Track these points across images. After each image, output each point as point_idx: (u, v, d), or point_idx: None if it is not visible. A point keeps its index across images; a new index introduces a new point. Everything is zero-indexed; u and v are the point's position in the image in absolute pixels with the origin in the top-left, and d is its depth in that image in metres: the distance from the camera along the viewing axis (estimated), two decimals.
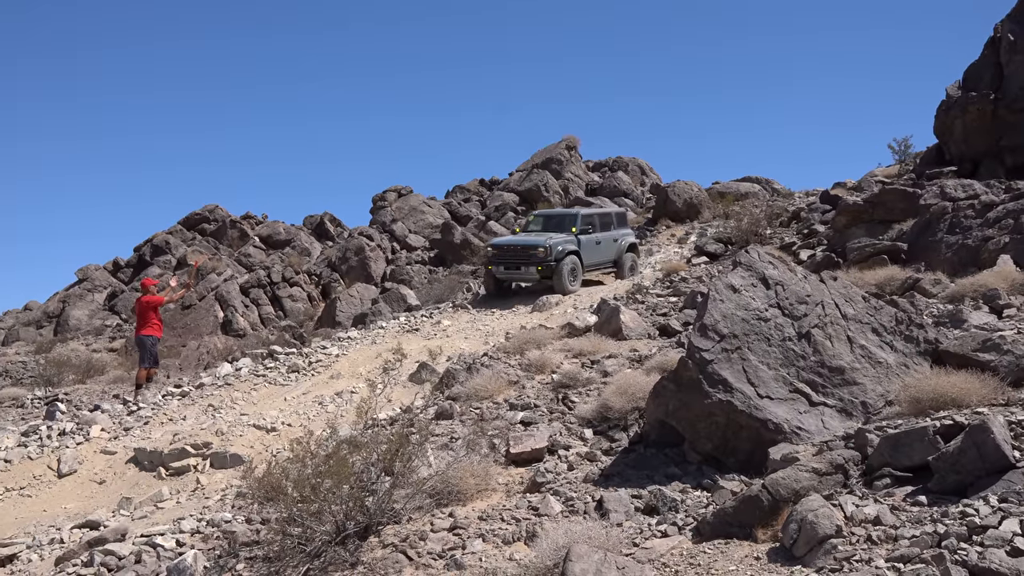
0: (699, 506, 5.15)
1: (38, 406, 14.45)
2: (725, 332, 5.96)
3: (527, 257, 16.30)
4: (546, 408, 8.02)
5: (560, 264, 16.01)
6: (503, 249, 17.06)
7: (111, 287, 31.98)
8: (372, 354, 12.50)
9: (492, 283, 17.19)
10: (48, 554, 7.01)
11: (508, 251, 16.88)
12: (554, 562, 4.35)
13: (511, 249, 16.83)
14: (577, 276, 16.47)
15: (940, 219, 11.96)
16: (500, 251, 17.09)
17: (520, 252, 16.53)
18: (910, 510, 4.19)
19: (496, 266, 16.89)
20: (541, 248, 16.05)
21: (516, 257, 16.58)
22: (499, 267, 16.82)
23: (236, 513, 6.99)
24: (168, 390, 12.10)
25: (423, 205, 34.41)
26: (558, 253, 16.11)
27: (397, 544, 5.39)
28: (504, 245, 17.25)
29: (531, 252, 16.22)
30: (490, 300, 16.77)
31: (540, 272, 16.01)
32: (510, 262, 16.64)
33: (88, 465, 9.36)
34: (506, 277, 16.91)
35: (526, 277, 16.49)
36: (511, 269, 16.63)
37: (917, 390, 5.47)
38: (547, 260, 15.99)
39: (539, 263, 16.02)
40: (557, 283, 15.94)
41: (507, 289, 17.19)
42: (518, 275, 16.64)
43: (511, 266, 16.61)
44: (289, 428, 9.56)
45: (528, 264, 16.21)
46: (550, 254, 16.01)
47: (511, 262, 16.63)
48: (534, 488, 6.10)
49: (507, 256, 16.78)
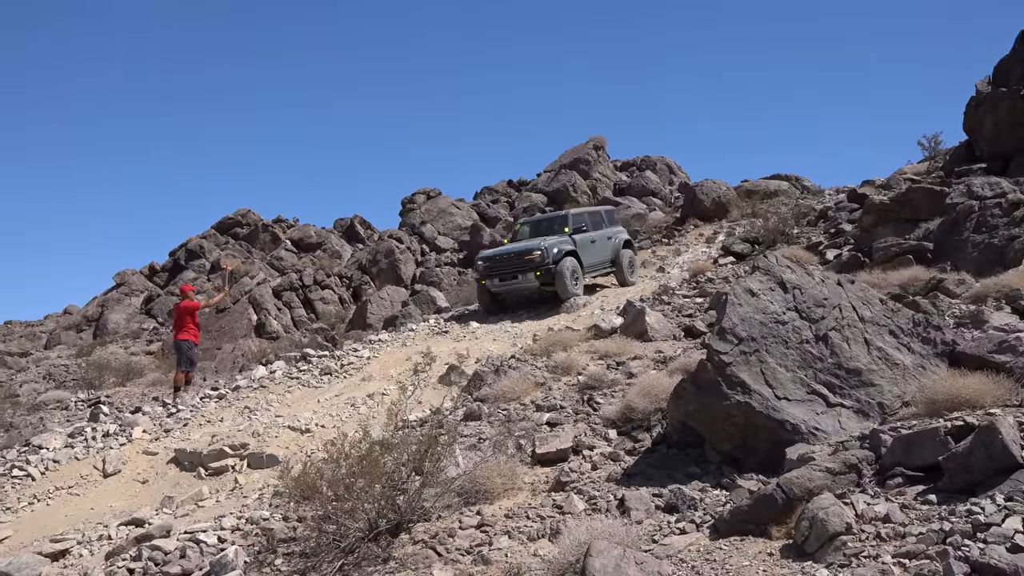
0: (717, 504, 5.32)
1: (81, 408, 14.99)
2: (743, 335, 6.12)
3: (523, 264, 15.17)
4: (572, 409, 8.21)
5: (560, 266, 14.96)
6: (495, 260, 15.78)
7: (148, 291, 32.75)
8: (402, 356, 12.78)
9: (487, 298, 16.00)
10: (97, 550, 7.37)
11: (501, 261, 15.63)
12: (576, 558, 4.55)
13: (504, 259, 15.59)
14: (579, 278, 15.47)
15: (967, 218, 11.94)
16: (492, 263, 15.80)
17: (514, 260, 15.36)
18: (919, 508, 4.33)
19: (490, 279, 15.68)
20: (537, 251, 14.99)
21: (510, 266, 15.38)
22: (493, 280, 15.63)
23: (273, 511, 7.29)
24: (205, 392, 12.50)
25: (452, 207, 34.75)
26: (555, 255, 15.05)
27: (427, 541, 5.64)
28: (496, 256, 15.94)
29: (526, 258, 15.11)
30: (516, 303, 16.17)
31: (539, 278, 14.98)
32: (505, 273, 15.46)
33: (131, 465, 9.74)
34: (502, 289, 15.71)
35: (524, 286, 15.36)
36: (507, 280, 15.45)
37: (933, 391, 5.58)
38: (545, 264, 14.90)
39: (537, 268, 14.95)
40: (560, 287, 14.96)
41: (503, 304, 16.07)
42: (515, 285, 15.42)
43: (506, 277, 15.43)
44: (322, 429, 9.86)
45: (525, 272, 15.09)
46: (547, 257, 14.94)
47: (506, 272, 15.44)
48: (559, 487, 6.31)
49: (500, 267, 15.57)
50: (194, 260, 33.49)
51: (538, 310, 15.42)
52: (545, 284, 15.04)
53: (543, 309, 15.37)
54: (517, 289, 15.50)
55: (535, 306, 15.82)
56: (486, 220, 32.93)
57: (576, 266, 15.40)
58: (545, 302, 15.80)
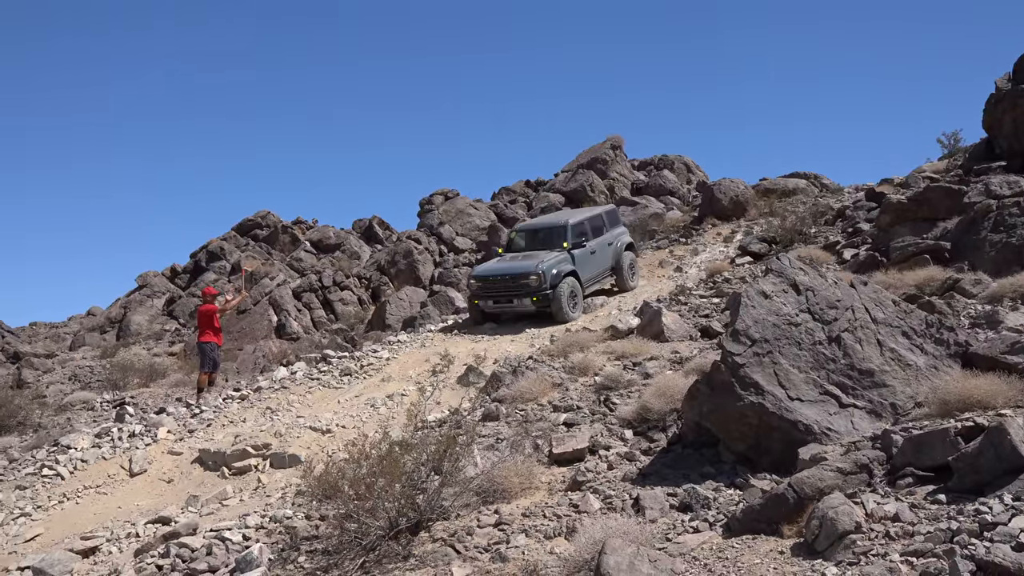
0: (730, 504, 5.41)
1: (107, 409, 15.26)
2: (757, 337, 6.20)
3: (518, 288, 14.23)
4: (588, 410, 8.31)
5: (557, 291, 14.05)
6: (489, 281, 14.77)
7: (169, 293, 33.14)
8: (421, 357, 12.93)
9: (480, 317, 15.00)
10: (125, 547, 7.58)
11: (496, 283, 14.63)
12: (591, 555, 4.67)
13: (499, 281, 14.59)
14: (578, 300, 14.64)
15: (984, 217, 11.90)
16: (486, 283, 14.80)
17: (510, 283, 14.39)
18: (929, 508, 4.41)
19: (483, 300, 14.76)
20: (534, 276, 14.06)
21: (506, 289, 14.43)
22: (487, 302, 14.72)
23: (296, 510, 7.46)
24: (228, 393, 12.71)
25: (470, 208, 34.87)
26: (553, 278, 14.13)
27: (446, 539, 5.78)
28: (490, 276, 14.85)
29: (522, 282, 14.19)
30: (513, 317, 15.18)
31: (536, 303, 14.09)
32: (500, 295, 14.52)
33: (157, 465, 9.96)
34: (497, 311, 14.82)
35: (520, 311, 14.49)
36: (502, 303, 14.56)
37: (945, 392, 5.64)
38: (542, 289, 14.01)
39: (533, 293, 14.06)
40: (556, 312, 14.08)
41: (495, 317, 15.07)
42: (510, 308, 14.57)
43: (501, 300, 14.53)
44: (343, 430, 10.03)
45: (520, 296, 14.20)
46: (545, 281, 14.02)
47: (501, 296, 14.51)
48: (575, 487, 6.42)
49: (495, 289, 14.60)
50: (215, 262, 33.85)
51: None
52: (542, 308, 14.22)
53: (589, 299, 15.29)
54: (512, 312, 14.74)
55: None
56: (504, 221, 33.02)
57: (575, 287, 14.62)
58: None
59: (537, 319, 14.49)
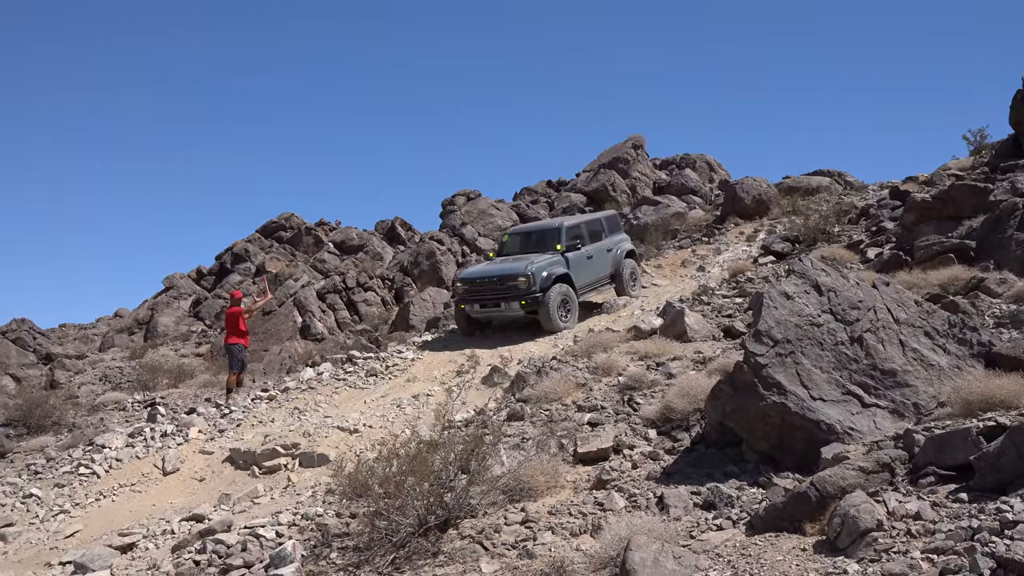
0: (753, 502, 5.50)
1: (138, 409, 15.56)
2: (779, 337, 6.27)
3: (506, 291, 13.48)
4: (612, 410, 8.41)
5: (547, 296, 13.28)
6: (475, 284, 14.03)
7: (195, 294, 33.57)
8: (445, 358, 13.07)
9: (464, 323, 14.39)
10: (162, 543, 7.79)
11: (482, 286, 13.89)
12: (616, 552, 4.78)
13: (486, 283, 13.85)
14: (570, 307, 13.83)
15: (1010, 215, 11.84)
16: (472, 286, 14.05)
17: (497, 285, 13.65)
18: (950, 506, 4.48)
19: (469, 304, 14.01)
20: (522, 278, 13.32)
21: (493, 292, 13.68)
22: (473, 306, 13.98)
23: (327, 508, 7.63)
24: (256, 394, 12.94)
25: (492, 208, 35.01)
26: (543, 281, 13.38)
27: (474, 536, 5.91)
28: (476, 278, 14.11)
29: (510, 284, 13.45)
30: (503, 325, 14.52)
31: (524, 307, 13.33)
32: (487, 299, 13.78)
33: (189, 464, 10.19)
34: (483, 316, 14.11)
35: (508, 315, 13.72)
36: (488, 307, 13.81)
37: (967, 392, 5.69)
38: (531, 292, 13.27)
39: (521, 296, 13.30)
40: (544, 319, 13.34)
41: (483, 326, 14.45)
42: (497, 313, 13.83)
43: (488, 304, 13.77)
44: (370, 429, 10.20)
45: (508, 299, 13.43)
46: (534, 283, 13.29)
47: (487, 299, 13.77)
48: (600, 485, 6.54)
49: (482, 292, 13.86)
50: (240, 264, 34.26)
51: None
52: (531, 313, 13.48)
53: (581, 311, 15.10)
54: (500, 317, 14.05)
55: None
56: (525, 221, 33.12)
57: (568, 292, 13.79)
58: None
59: (529, 329, 13.83)
